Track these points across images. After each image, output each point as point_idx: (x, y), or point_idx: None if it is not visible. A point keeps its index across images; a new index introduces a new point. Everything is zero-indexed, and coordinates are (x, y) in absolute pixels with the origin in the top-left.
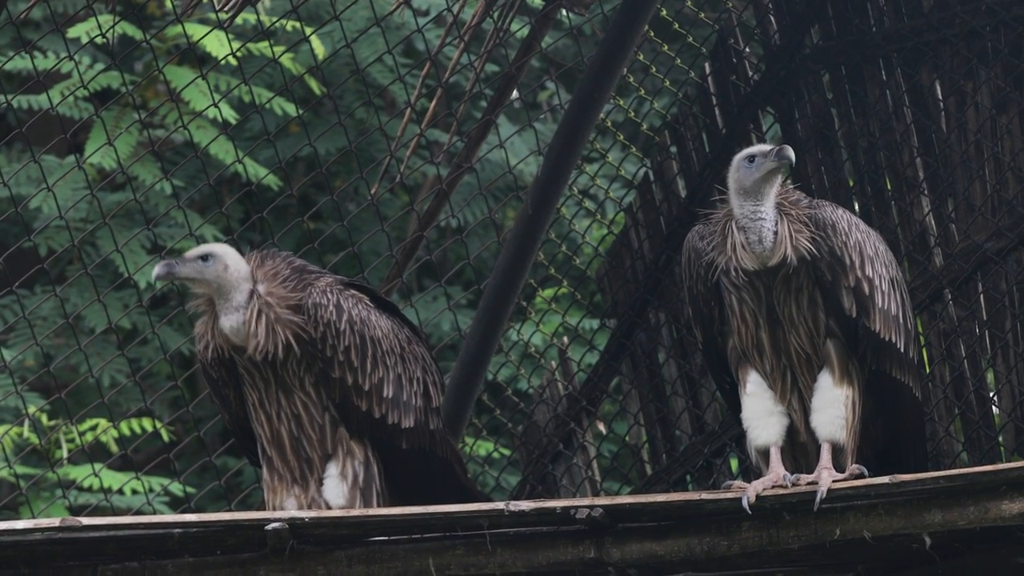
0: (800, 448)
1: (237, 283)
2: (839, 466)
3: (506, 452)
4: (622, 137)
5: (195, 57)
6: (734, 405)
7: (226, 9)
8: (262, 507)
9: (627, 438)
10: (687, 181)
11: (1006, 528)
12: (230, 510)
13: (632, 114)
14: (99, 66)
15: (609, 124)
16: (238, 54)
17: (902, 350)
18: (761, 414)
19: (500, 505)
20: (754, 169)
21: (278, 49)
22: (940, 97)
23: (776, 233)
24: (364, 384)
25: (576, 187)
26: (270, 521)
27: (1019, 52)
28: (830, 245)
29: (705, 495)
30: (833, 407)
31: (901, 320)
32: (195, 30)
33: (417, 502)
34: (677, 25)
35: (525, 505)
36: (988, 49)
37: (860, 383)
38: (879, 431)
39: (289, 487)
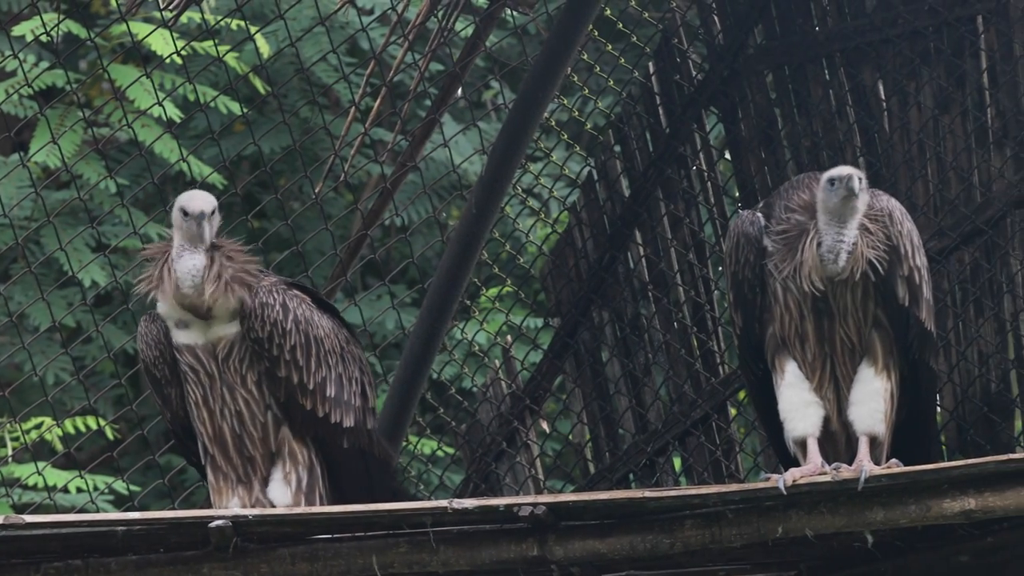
0: (830, 437)
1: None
2: (875, 459)
3: (450, 450)
4: (566, 136)
5: (140, 55)
6: (761, 393)
7: (171, 8)
8: (206, 505)
9: (570, 436)
10: (631, 180)
11: (948, 526)
12: (174, 508)
13: (576, 113)
14: (44, 64)
15: (553, 123)
16: (183, 53)
17: (936, 340)
18: (799, 405)
19: (444, 503)
20: (833, 194)
21: (223, 48)
22: (883, 97)
23: (850, 254)
24: (308, 383)
25: (520, 186)
26: (214, 519)
27: (961, 52)
28: (887, 233)
29: (648, 493)
30: (873, 400)
31: (934, 311)
32: (140, 28)
33: (356, 503)
34: (621, 24)
35: (469, 503)
36: (931, 49)
37: (897, 375)
38: (900, 419)
39: (233, 487)
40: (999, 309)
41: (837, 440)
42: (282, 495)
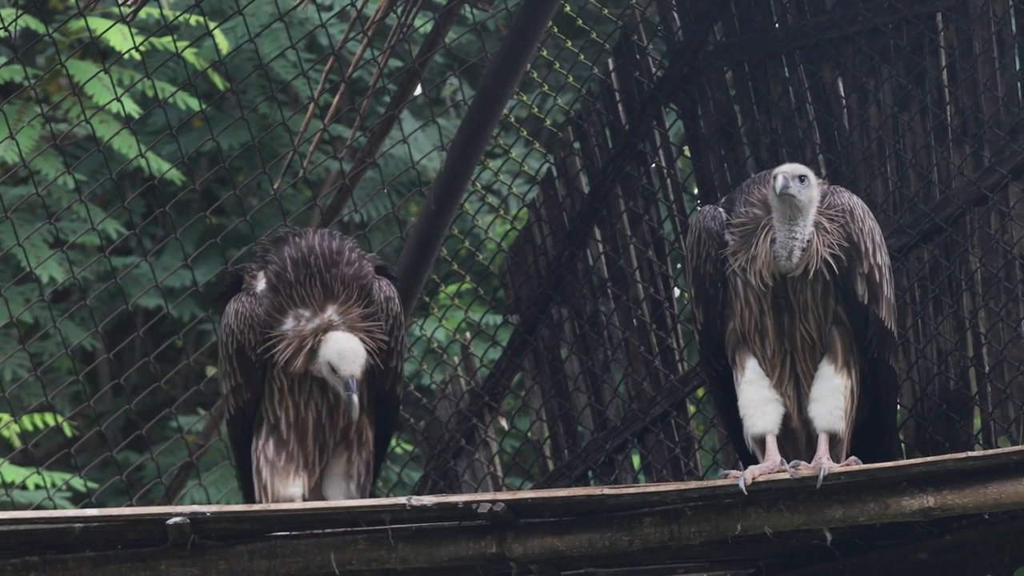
0: (790, 435)
1: None
2: (835, 457)
3: (408, 447)
4: (525, 133)
5: (98, 51)
6: (721, 390)
7: (128, 4)
8: (164, 502)
9: (529, 434)
10: (590, 177)
11: (906, 524)
12: (131, 505)
13: (535, 110)
14: (1, 60)
15: (512, 120)
16: (141, 48)
17: (896, 339)
18: (759, 402)
19: (402, 500)
20: (771, 191)
21: (181, 44)
22: (842, 94)
23: (804, 251)
24: (400, 370)
25: (479, 183)
26: (171, 516)
27: (921, 50)
28: (848, 231)
29: (607, 490)
30: (833, 397)
31: (895, 310)
32: (98, 24)
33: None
34: (581, 21)
35: (427, 500)
36: (890, 47)
37: (858, 372)
38: (861, 417)
39: (298, 471)
40: (958, 307)
41: (797, 438)
42: (337, 491)
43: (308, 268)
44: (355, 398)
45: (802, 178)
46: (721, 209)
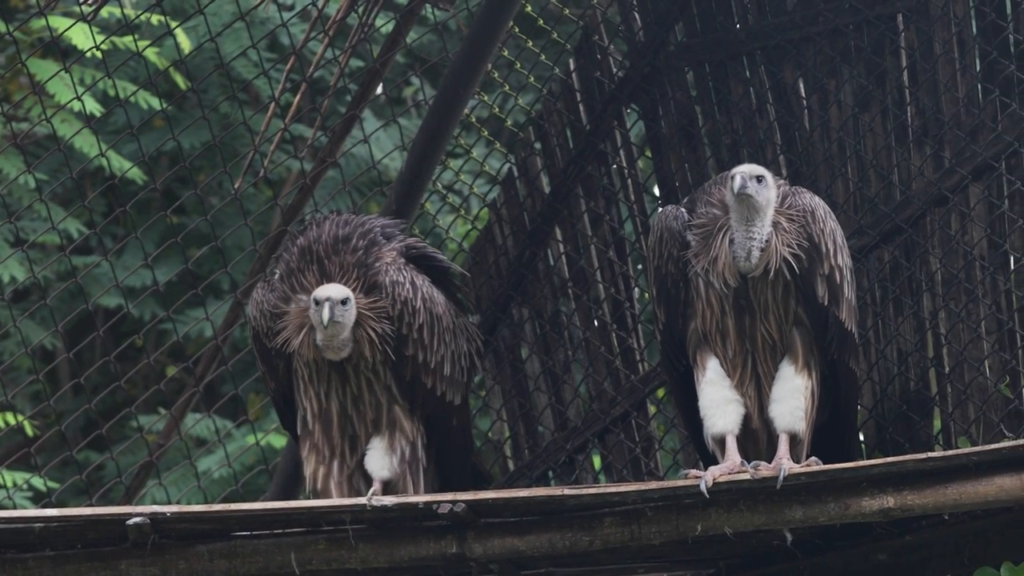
0: (751, 435)
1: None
2: (795, 457)
3: None
4: (486, 133)
5: (59, 50)
6: (682, 390)
7: (90, 3)
8: (124, 501)
9: (489, 434)
10: (551, 177)
11: (866, 524)
12: (91, 504)
13: (497, 110)
14: None
15: (474, 120)
16: (103, 47)
17: (857, 341)
18: (719, 402)
19: (362, 500)
20: (728, 191)
21: (143, 43)
22: (803, 95)
23: (763, 251)
24: (431, 362)
25: (440, 182)
26: (131, 516)
27: (881, 51)
28: (809, 232)
29: (567, 490)
30: (794, 398)
31: (856, 312)
32: (59, 23)
33: (450, 478)
34: (542, 21)
35: (388, 500)
36: (851, 47)
37: (818, 373)
38: (822, 419)
39: (327, 462)
40: (918, 307)
41: (758, 438)
42: (382, 464)
43: (311, 255)
44: (324, 311)
45: (759, 178)
46: (683, 209)
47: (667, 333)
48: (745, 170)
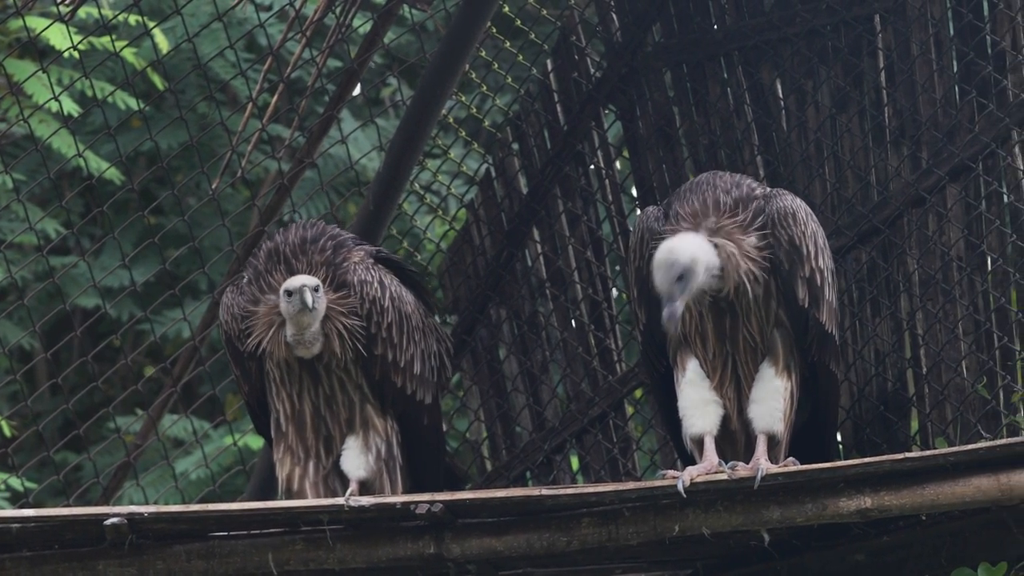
0: (729, 437)
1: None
2: (773, 458)
3: None
4: (464, 133)
5: (36, 50)
6: (663, 391)
7: (67, 3)
8: (102, 502)
9: (467, 434)
10: (529, 178)
11: (844, 525)
12: (69, 505)
13: (474, 110)
14: None
15: (451, 120)
16: (80, 47)
17: (838, 343)
18: (698, 403)
19: (340, 500)
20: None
21: (120, 43)
22: (781, 96)
23: (720, 277)
24: (400, 360)
25: (418, 183)
26: (109, 516)
27: (859, 51)
28: (790, 234)
29: (545, 491)
30: (772, 399)
31: (837, 314)
32: (37, 23)
33: (423, 479)
34: (519, 22)
35: (365, 500)
36: (828, 48)
37: (798, 375)
38: (800, 421)
39: (303, 464)
40: (896, 308)
41: (737, 440)
42: (358, 464)
43: (278, 256)
44: (307, 295)
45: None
46: (662, 213)
47: (648, 334)
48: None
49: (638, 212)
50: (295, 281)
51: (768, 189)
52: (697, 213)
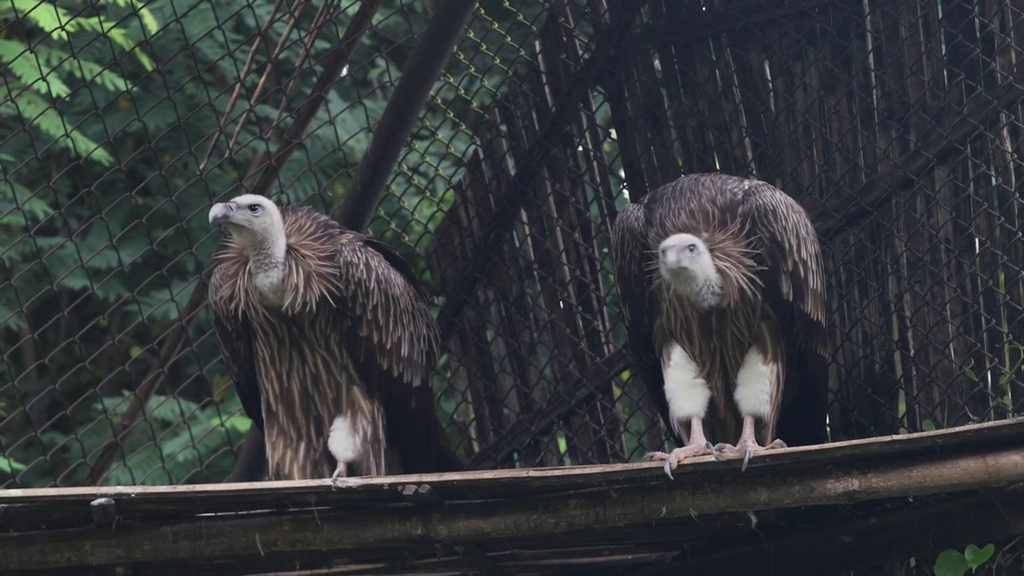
0: (719, 423)
1: (277, 237)
2: (760, 440)
3: None
4: (452, 115)
5: (24, 30)
6: (653, 383)
7: None
8: (89, 483)
9: (455, 416)
10: (516, 159)
11: (831, 507)
12: (56, 486)
13: (462, 92)
14: None
15: (439, 102)
16: (69, 28)
17: (825, 327)
18: (684, 385)
19: (327, 481)
20: (663, 265)
21: (108, 24)
22: (769, 78)
23: (718, 294)
24: (387, 342)
25: (406, 164)
26: (96, 496)
27: (847, 34)
28: (771, 231)
29: (532, 472)
30: (759, 381)
31: (824, 297)
32: (25, 3)
33: (413, 461)
34: (507, 3)
35: (353, 482)
36: (817, 30)
37: (784, 359)
38: (788, 400)
39: (294, 445)
40: (883, 290)
41: (726, 426)
42: (345, 445)
43: None
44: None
45: (691, 247)
46: (643, 213)
47: (634, 330)
48: (675, 243)
49: (625, 194)
50: (248, 198)
51: (747, 183)
52: (688, 228)
